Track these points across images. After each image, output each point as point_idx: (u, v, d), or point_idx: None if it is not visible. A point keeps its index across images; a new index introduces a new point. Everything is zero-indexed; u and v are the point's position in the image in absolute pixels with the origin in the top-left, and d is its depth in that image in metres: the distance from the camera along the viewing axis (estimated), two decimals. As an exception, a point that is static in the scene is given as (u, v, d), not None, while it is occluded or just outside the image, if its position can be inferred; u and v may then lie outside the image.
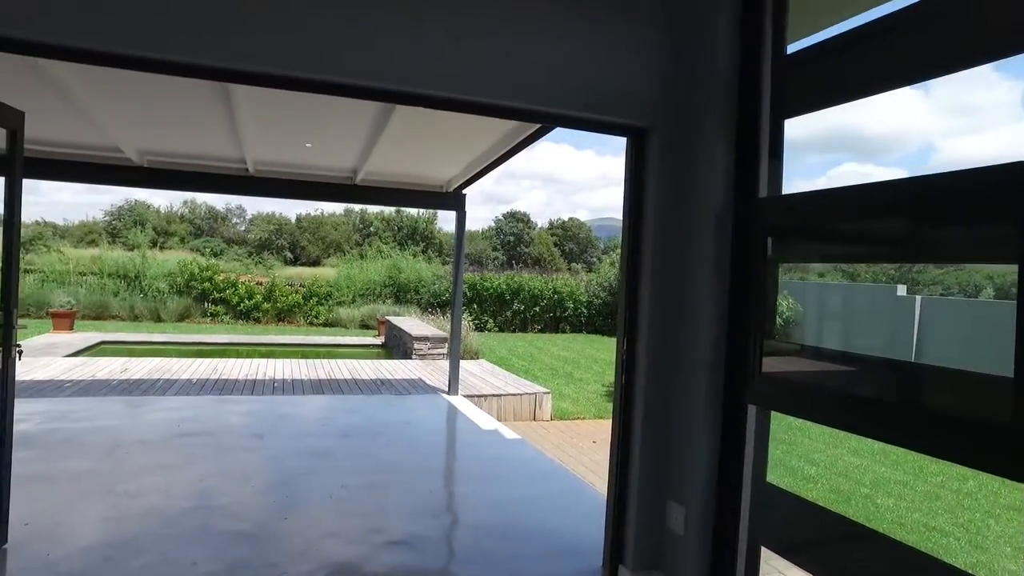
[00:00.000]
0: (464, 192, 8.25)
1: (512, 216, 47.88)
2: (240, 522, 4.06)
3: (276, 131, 6.03)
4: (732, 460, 2.94)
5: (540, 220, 71.56)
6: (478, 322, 20.39)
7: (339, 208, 41.24)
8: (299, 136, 6.27)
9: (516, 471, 5.57)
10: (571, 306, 22.04)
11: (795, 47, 2.89)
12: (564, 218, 50.38)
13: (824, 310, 13.45)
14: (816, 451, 8.02)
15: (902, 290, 12.43)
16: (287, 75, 2.79)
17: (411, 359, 12.06)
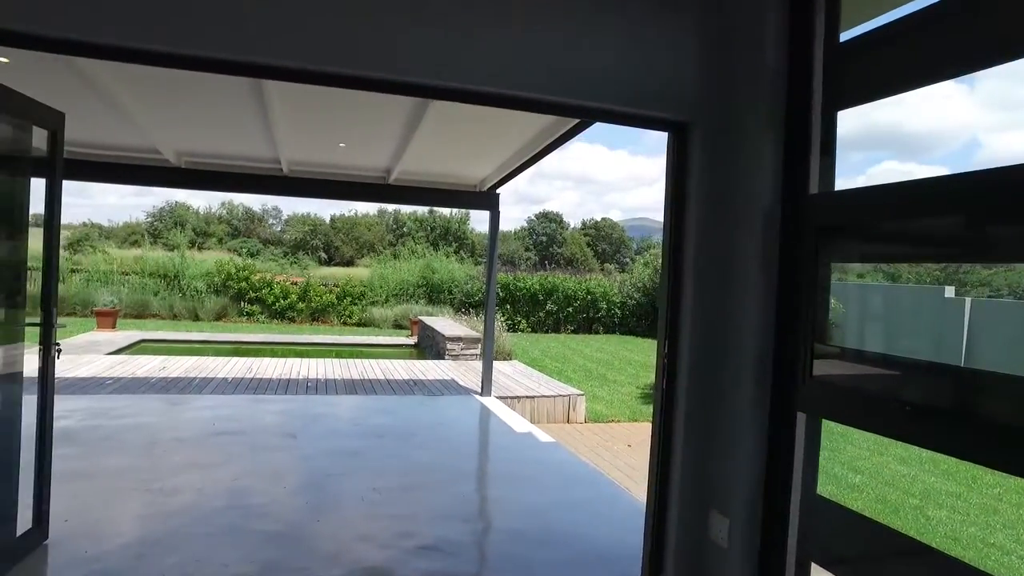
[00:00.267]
0: (498, 192, 8.18)
1: (545, 216, 47.84)
2: (272, 523, 4.05)
3: (310, 131, 6.04)
4: (780, 469, 2.79)
5: (573, 220, 71.53)
6: (511, 322, 20.33)
7: (372, 209, 41.79)
8: (333, 136, 6.27)
9: (550, 475, 5.47)
10: (604, 307, 21.80)
11: (848, 35, 2.74)
12: (597, 218, 50.26)
13: (867, 312, 12.98)
14: (860, 458, 7.70)
15: (950, 291, 11.92)
16: (343, 73, 2.78)
17: (444, 359, 12.05)
